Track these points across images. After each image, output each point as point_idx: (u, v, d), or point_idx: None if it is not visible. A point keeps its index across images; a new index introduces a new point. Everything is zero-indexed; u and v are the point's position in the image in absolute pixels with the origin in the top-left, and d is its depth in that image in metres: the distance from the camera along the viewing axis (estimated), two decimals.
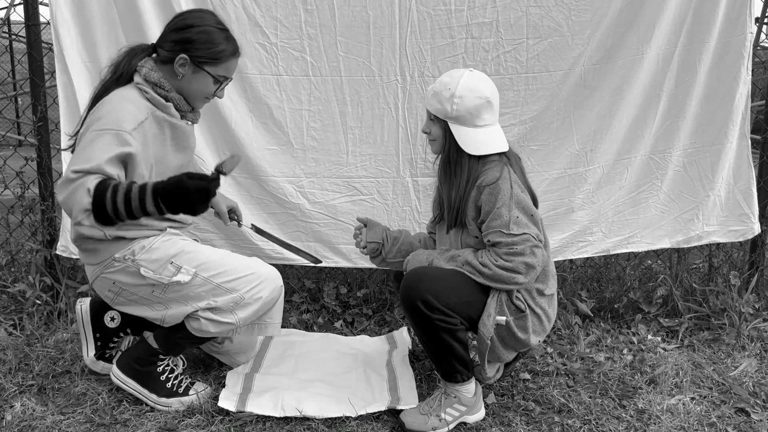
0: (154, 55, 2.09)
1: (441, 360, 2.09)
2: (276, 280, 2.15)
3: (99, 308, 2.33)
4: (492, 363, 2.20)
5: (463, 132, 2.07)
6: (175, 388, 2.19)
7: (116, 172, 1.84)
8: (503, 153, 2.12)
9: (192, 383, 2.24)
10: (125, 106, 1.94)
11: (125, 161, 1.91)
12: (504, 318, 2.05)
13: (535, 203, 2.13)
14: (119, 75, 2.04)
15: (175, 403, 2.17)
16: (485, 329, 2.05)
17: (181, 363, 2.38)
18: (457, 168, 2.10)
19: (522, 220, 2.01)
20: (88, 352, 2.34)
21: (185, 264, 2.07)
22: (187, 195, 1.74)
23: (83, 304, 2.33)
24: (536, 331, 2.12)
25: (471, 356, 2.18)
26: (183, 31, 2.02)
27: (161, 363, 2.22)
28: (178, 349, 2.25)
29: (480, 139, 2.07)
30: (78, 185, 1.77)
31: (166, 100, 2.03)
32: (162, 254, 2.07)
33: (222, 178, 1.79)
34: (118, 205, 1.76)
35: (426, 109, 2.16)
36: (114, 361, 2.22)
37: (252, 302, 2.10)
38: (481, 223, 2.06)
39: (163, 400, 2.17)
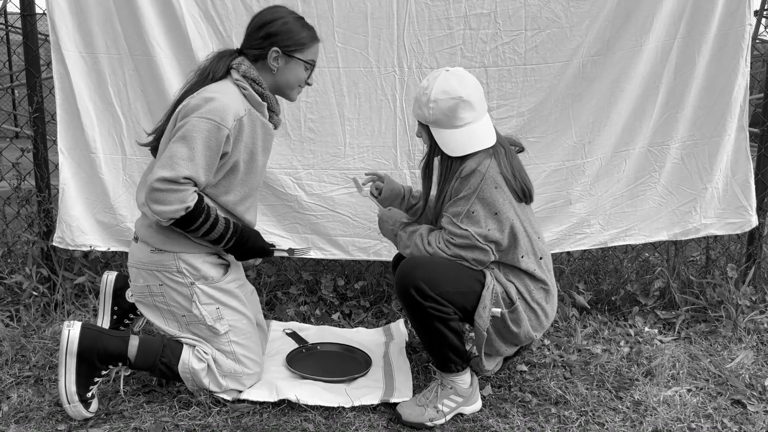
0: (240, 57, 2.15)
1: (435, 349, 2.09)
2: (260, 375, 2.28)
3: (124, 283, 2.39)
4: (491, 356, 2.20)
5: (442, 135, 2.07)
6: (88, 394, 2.05)
7: (208, 179, 2.03)
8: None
9: (93, 397, 2.09)
10: (227, 99, 2.02)
11: (223, 152, 2.04)
12: (499, 310, 2.05)
13: (528, 195, 2.11)
14: (207, 75, 2.12)
15: (74, 408, 2.02)
16: (481, 321, 2.05)
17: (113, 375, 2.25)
18: (441, 167, 2.12)
19: (476, 217, 2.02)
20: (102, 323, 2.39)
21: (227, 317, 2.18)
22: (253, 254, 2.20)
23: (110, 276, 2.41)
24: (534, 326, 2.12)
25: (468, 347, 2.18)
26: (267, 27, 2.10)
27: (111, 369, 2.10)
28: (148, 366, 2.11)
29: (460, 139, 2.06)
30: (178, 197, 1.96)
31: (262, 98, 2.12)
32: (217, 296, 2.17)
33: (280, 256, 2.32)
34: (201, 228, 2.03)
35: None
36: (83, 323, 2.05)
37: (241, 382, 2.19)
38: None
39: (74, 397, 2.01)
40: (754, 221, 2.92)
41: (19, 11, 2.84)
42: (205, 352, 2.14)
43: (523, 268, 2.08)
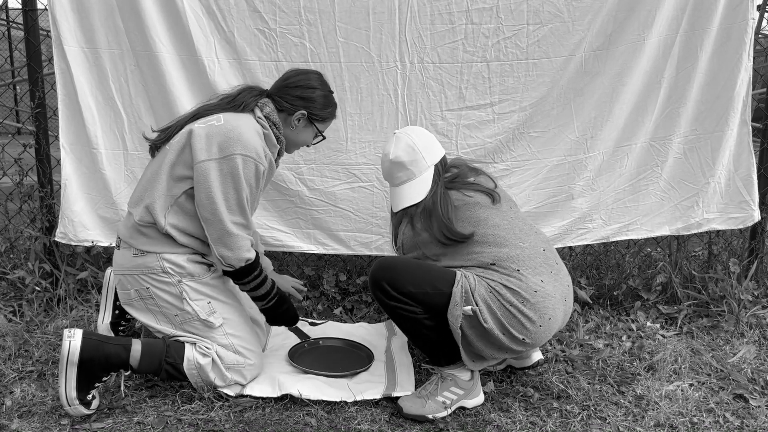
0: (267, 99, 2.27)
1: (418, 344, 2.15)
2: (261, 367, 2.30)
3: None
4: (477, 357, 2.11)
5: (390, 192, 2.32)
6: (89, 396, 2.04)
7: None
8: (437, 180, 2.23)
9: (94, 397, 2.08)
10: (255, 136, 2.14)
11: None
12: (470, 307, 2.00)
13: (449, 239, 2.12)
14: (235, 104, 2.22)
15: (74, 410, 2.02)
16: (453, 318, 2.02)
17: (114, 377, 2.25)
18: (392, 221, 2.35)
19: (428, 252, 2.16)
20: (104, 319, 2.42)
21: (219, 310, 2.20)
22: (284, 318, 2.34)
23: (112, 272, 2.41)
24: (514, 326, 2.01)
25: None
26: (308, 90, 2.26)
27: (112, 375, 2.13)
28: (153, 370, 2.11)
29: (397, 196, 2.27)
30: (239, 250, 2.09)
31: (277, 140, 2.26)
32: (206, 291, 2.19)
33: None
34: (252, 282, 2.17)
35: None
36: (83, 332, 2.04)
37: (244, 374, 2.20)
38: None
39: (74, 401, 2.01)
40: (757, 216, 2.92)
41: (20, 7, 2.84)
42: (207, 347, 2.15)
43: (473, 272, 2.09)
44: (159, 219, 2.11)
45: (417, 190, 2.23)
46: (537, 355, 2.32)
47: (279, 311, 2.29)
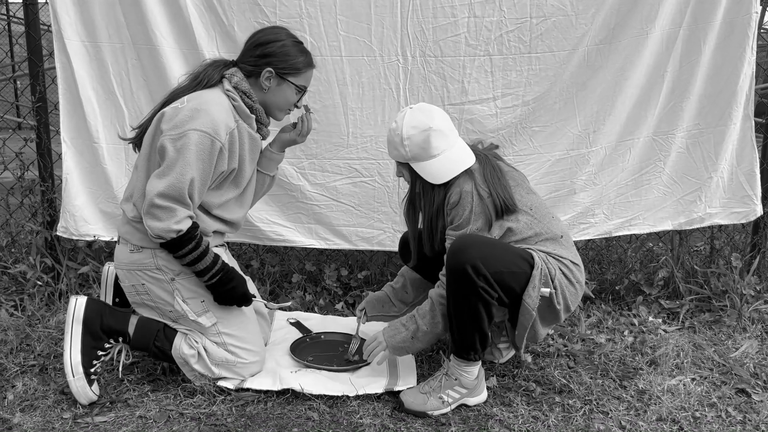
0: (234, 68, 2.17)
1: (464, 332, 2.04)
2: (262, 364, 2.27)
3: None
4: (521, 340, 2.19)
5: (424, 167, 2.15)
6: (92, 369, 2.08)
7: (198, 199, 2.05)
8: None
9: (96, 375, 2.13)
10: (219, 110, 2.03)
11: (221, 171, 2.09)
12: (548, 290, 2.04)
13: (504, 209, 2.10)
14: (200, 81, 2.13)
15: (78, 382, 2.04)
16: (531, 300, 2.02)
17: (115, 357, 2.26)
18: (425, 200, 2.19)
19: (481, 231, 2.09)
20: None
21: (212, 309, 2.17)
22: (231, 297, 2.16)
23: (110, 267, 2.42)
24: (573, 302, 2.15)
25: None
26: (264, 46, 2.13)
27: (113, 344, 2.15)
28: (143, 347, 2.16)
29: (440, 167, 2.14)
30: (168, 220, 1.97)
31: (251, 110, 2.15)
32: (200, 290, 2.15)
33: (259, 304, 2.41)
34: (187, 255, 2.03)
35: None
36: (88, 297, 2.11)
37: (237, 372, 2.19)
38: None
39: (78, 368, 2.04)
40: (759, 211, 2.91)
41: (21, 1, 2.83)
42: (195, 341, 2.16)
43: (543, 249, 2.11)
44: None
45: (463, 155, 2.16)
46: None
47: (224, 289, 2.13)
